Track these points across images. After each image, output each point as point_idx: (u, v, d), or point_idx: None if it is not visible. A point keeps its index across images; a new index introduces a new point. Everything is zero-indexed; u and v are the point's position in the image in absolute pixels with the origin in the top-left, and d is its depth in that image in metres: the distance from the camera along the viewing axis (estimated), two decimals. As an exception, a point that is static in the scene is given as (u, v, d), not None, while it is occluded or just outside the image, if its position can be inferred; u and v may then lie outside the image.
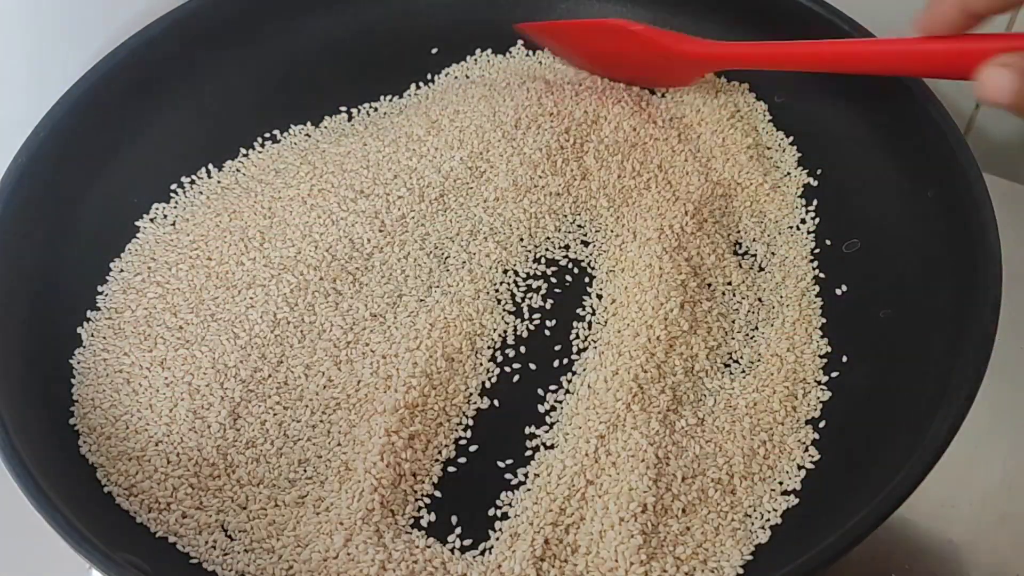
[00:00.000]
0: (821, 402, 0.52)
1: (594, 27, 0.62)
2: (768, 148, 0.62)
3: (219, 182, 0.61)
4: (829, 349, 0.54)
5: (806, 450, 0.50)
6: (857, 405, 0.51)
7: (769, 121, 0.63)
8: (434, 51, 0.67)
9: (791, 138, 0.63)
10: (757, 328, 0.55)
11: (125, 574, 0.42)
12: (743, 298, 0.56)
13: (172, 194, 0.60)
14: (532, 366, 0.54)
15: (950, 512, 0.53)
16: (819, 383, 0.52)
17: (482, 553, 0.47)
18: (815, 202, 0.60)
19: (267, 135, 0.63)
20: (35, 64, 0.59)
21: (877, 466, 0.47)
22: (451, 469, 0.50)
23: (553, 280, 0.57)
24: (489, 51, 0.67)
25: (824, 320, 0.55)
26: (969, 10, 0.46)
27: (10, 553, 0.54)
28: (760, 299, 0.56)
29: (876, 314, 0.54)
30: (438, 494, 0.49)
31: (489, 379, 0.53)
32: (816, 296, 0.56)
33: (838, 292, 0.56)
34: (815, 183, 0.61)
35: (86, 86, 0.58)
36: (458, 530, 0.48)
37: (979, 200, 0.51)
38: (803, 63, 0.57)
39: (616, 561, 0.46)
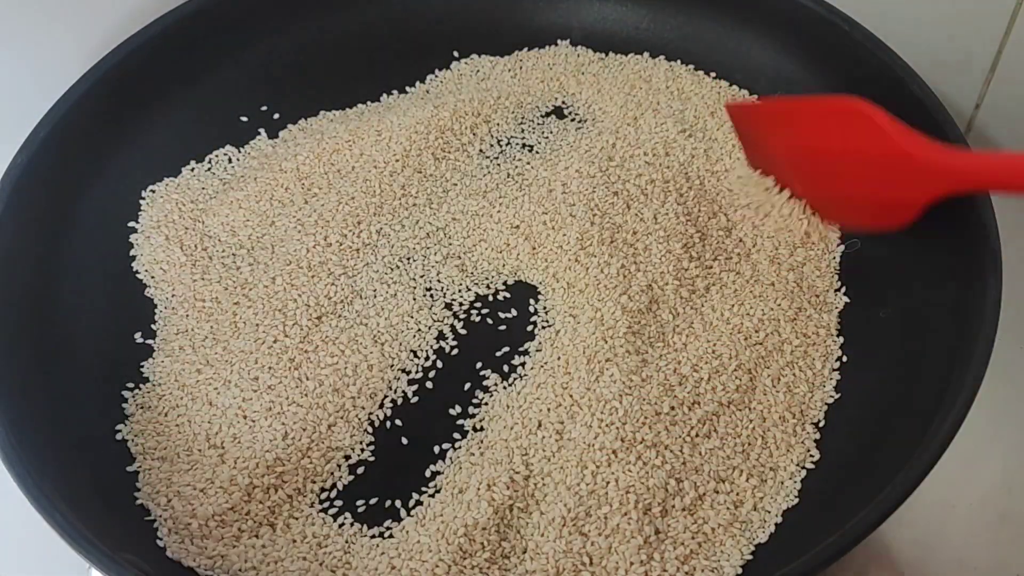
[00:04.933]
0: (826, 404, 0.52)
1: (815, 108, 0.52)
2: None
3: (221, 181, 0.61)
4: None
5: (807, 450, 0.50)
6: (857, 405, 0.51)
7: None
8: (434, 51, 0.67)
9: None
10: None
11: (125, 574, 0.42)
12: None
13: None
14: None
15: (950, 512, 0.53)
16: (823, 384, 0.52)
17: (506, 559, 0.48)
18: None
19: (267, 134, 0.64)
20: (35, 64, 0.59)
21: (877, 466, 0.47)
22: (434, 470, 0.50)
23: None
24: (488, 52, 0.68)
25: (824, 320, 0.55)
26: None
27: (10, 553, 0.54)
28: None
29: (876, 314, 0.54)
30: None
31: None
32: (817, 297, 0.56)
33: (838, 292, 0.56)
34: (815, 183, 0.61)
35: (86, 86, 0.58)
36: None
37: (979, 200, 0.51)
38: None
39: (617, 561, 0.46)
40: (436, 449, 0.51)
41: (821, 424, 0.51)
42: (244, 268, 0.57)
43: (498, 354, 0.54)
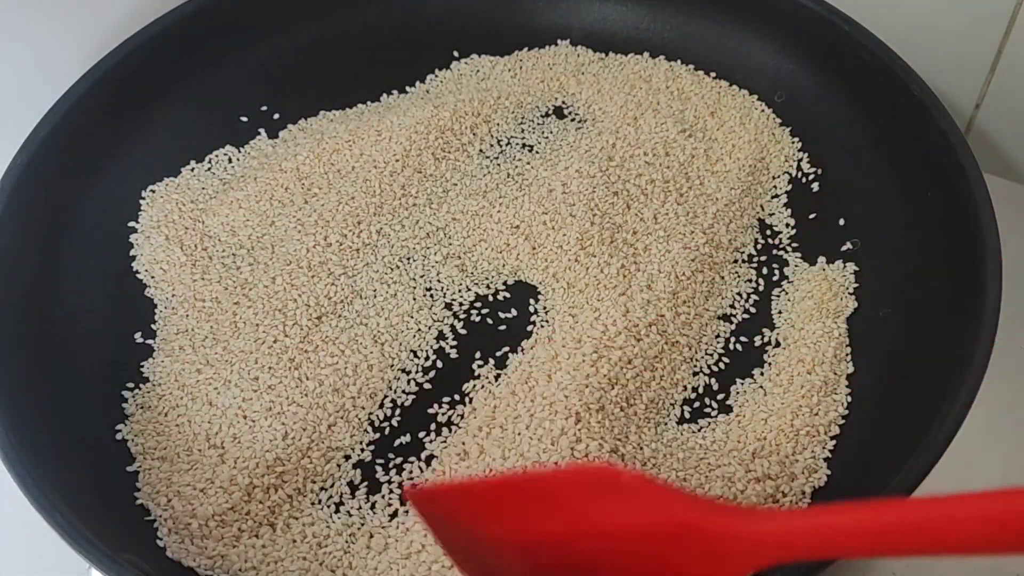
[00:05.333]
0: (841, 415, 0.51)
1: (556, 482, 0.35)
2: (769, 148, 0.62)
3: (221, 181, 0.61)
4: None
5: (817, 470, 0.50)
6: (857, 404, 0.51)
7: (777, 122, 0.63)
8: (434, 51, 0.68)
9: (793, 138, 0.63)
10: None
11: (125, 574, 0.42)
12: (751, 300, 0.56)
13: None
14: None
15: (950, 512, 0.53)
16: (834, 395, 0.52)
17: None
18: (815, 202, 0.60)
19: (267, 134, 0.64)
20: (35, 64, 0.59)
21: (877, 466, 0.47)
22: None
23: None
24: (488, 52, 0.68)
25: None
26: None
27: (10, 553, 0.54)
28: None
29: (876, 314, 0.54)
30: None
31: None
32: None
33: (850, 295, 0.56)
34: (815, 183, 0.61)
35: (86, 86, 0.58)
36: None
37: (979, 200, 0.51)
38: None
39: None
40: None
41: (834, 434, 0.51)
42: (244, 268, 0.57)
43: (498, 354, 0.54)
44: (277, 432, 0.50)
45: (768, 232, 0.59)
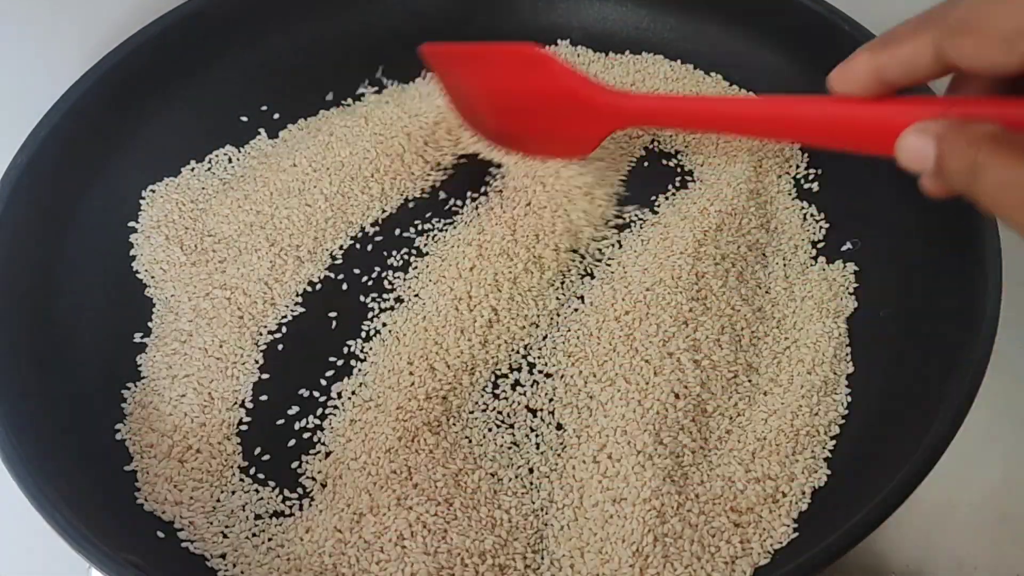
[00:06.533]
0: (841, 415, 0.51)
1: (505, 53, 0.56)
2: (769, 149, 0.62)
3: (221, 181, 0.61)
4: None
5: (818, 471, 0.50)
6: (857, 404, 0.51)
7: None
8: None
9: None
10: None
11: (125, 574, 0.42)
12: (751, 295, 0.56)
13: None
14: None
15: (950, 512, 0.53)
16: (834, 395, 0.52)
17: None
18: (815, 202, 0.60)
19: (267, 134, 0.64)
20: (35, 64, 0.59)
21: (877, 466, 0.47)
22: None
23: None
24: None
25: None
26: (882, 77, 0.42)
27: (10, 553, 0.54)
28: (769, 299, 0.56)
29: (876, 314, 0.54)
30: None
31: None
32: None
33: (850, 295, 0.56)
34: (815, 183, 0.61)
35: (86, 85, 0.58)
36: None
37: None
38: (726, 123, 0.52)
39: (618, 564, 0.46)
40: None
41: (834, 433, 0.51)
42: (244, 267, 0.57)
43: (519, 354, 0.54)
44: (277, 432, 0.50)
45: (768, 232, 0.59)
